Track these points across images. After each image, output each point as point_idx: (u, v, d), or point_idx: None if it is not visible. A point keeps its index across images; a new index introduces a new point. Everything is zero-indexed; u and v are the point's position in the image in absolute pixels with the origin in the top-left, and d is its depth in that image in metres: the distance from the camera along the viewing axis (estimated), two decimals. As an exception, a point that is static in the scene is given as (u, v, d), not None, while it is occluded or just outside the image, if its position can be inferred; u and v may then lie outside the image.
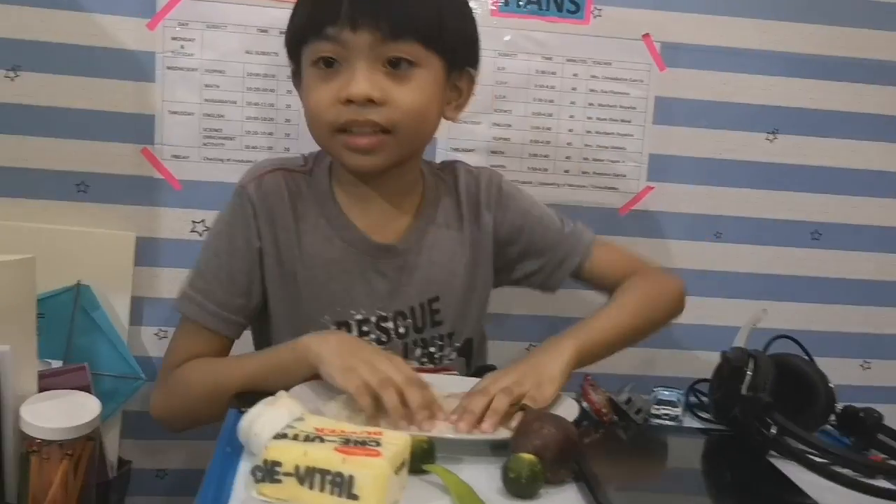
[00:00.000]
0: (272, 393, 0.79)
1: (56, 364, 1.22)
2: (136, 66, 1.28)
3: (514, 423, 0.82)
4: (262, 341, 1.08)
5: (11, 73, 1.25)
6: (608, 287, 1.09)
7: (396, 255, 1.05)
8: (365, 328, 1.04)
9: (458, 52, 0.99)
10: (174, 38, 1.28)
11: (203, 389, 0.98)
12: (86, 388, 1.09)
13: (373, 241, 1.04)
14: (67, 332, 1.25)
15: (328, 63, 0.95)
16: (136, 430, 1.35)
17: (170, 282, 1.33)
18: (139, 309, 1.34)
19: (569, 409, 0.85)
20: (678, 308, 1.11)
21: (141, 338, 1.35)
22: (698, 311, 1.44)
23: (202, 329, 1.02)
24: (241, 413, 0.87)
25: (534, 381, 0.88)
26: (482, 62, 1.05)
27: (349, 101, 0.93)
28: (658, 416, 0.91)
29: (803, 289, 1.46)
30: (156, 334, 1.35)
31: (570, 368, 0.92)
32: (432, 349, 1.06)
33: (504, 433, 0.81)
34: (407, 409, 0.83)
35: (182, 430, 1.06)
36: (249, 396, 0.91)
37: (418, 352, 1.06)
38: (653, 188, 1.41)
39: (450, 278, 1.07)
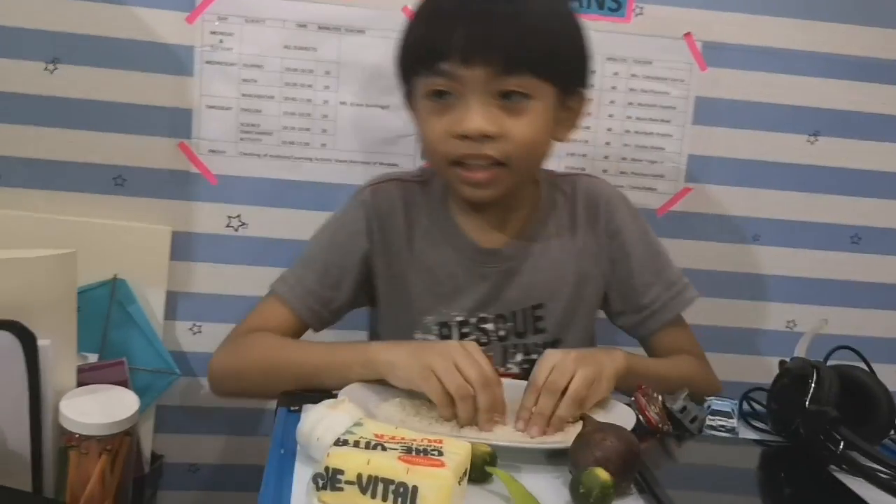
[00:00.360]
0: (328, 393, 0.78)
1: (92, 358, 1.22)
2: (175, 60, 1.27)
3: (572, 429, 0.81)
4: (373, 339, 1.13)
5: (51, 66, 1.25)
6: (660, 355, 1.09)
7: (502, 261, 1.06)
8: (465, 329, 1.06)
9: (571, 77, 1.00)
10: (213, 33, 1.27)
11: (261, 361, 0.98)
12: (124, 383, 1.09)
13: (479, 246, 1.06)
14: (103, 326, 1.25)
15: (440, 94, 0.95)
16: (169, 425, 1.35)
17: (205, 277, 1.33)
18: (174, 304, 1.33)
19: (625, 418, 0.84)
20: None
21: (175, 332, 1.34)
22: (736, 313, 1.43)
23: (284, 306, 1.04)
24: (291, 412, 0.87)
25: (594, 370, 0.87)
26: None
27: (464, 136, 0.94)
28: (713, 428, 0.89)
29: (842, 293, 1.44)
30: (190, 329, 1.35)
31: (619, 378, 0.91)
32: (534, 356, 1.04)
33: (563, 442, 0.79)
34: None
35: (228, 395, 1.06)
36: (298, 395, 0.91)
37: (519, 357, 1.07)
38: (691, 189, 1.39)
39: (556, 287, 1.07)
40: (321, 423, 0.72)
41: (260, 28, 1.28)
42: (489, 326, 1.07)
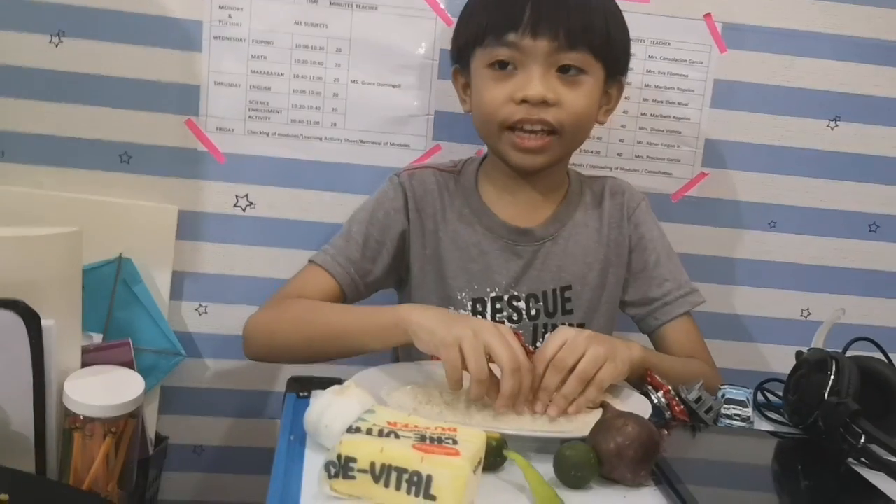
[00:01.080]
0: (337, 380, 0.76)
1: (97, 337, 1.20)
2: (183, 35, 1.24)
3: (589, 417, 0.79)
4: None
5: (56, 39, 1.22)
6: (669, 348, 1.12)
7: (534, 240, 1.12)
8: (498, 305, 1.10)
9: (619, 61, 1.08)
10: (222, 7, 1.24)
11: (295, 320, 1.01)
12: (129, 364, 1.06)
13: (511, 225, 1.11)
14: (108, 306, 1.23)
15: (503, 65, 1.03)
16: (174, 406, 1.34)
17: (212, 256, 1.31)
18: (180, 284, 1.31)
19: (641, 406, 0.82)
20: None
21: (181, 313, 1.32)
22: (750, 301, 1.41)
23: (324, 273, 1.08)
24: (300, 398, 0.86)
25: (606, 351, 0.86)
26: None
27: (523, 101, 1.01)
28: (728, 417, 0.88)
29: (859, 282, 1.42)
30: (196, 310, 1.33)
31: (633, 365, 0.90)
32: None
33: (579, 430, 0.77)
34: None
35: (260, 355, 1.08)
36: (306, 380, 0.89)
37: (548, 336, 1.06)
38: (707, 174, 1.37)
39: (584, 271, 1.12)
40: (329, 409, 0.70)
41: (270, 3, 1.25)
42: (521, 305, 1.11)
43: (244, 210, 1.30)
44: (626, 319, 1.20)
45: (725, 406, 0.88)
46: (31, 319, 0.86)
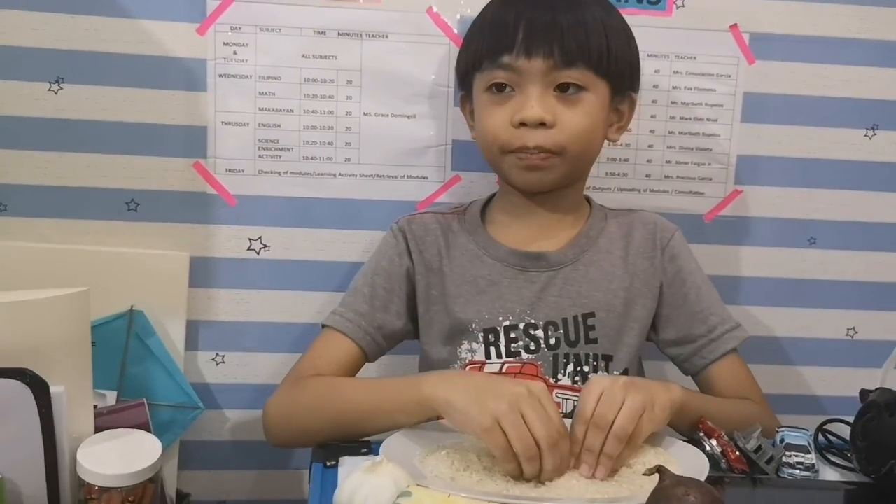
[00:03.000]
0: (365, 443, 0.70)
1: (110, 395, 1.15)
2: (187, 75, 1.19)
3: (643, 482, 0.73)
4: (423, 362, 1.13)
5: (55, 87, 1.17)
6: (716, 390, 1.06)
7: (548, 265, 1.07)
8: (513, 334, 1.06)
9: (624, 77, 1.05)
10: (226, 44, 1.19)
11: (312, 403, 0.97)
12: (144, 426, 1.01)
13: (521, 251, 1.08)
14: (121, 362, 1.18)
15: (500, 88, 1.02)
16: (194, 461, 1.28)
17: (227, 303, 1.26)
18: (195, 333, 1.26)
19: (696, 461, 0.75)
20: None
21: (197, 363, 1.27)
22: (791, 322, 1.34)
23: (337, 334, 1.05)
24: (327, 468, 0.80)
25: (643, 398, 0.81)
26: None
27: (522, 124, 0.99)
28: (790, 466, 0.81)
29: (906, 298, 1.35)
30: (213, 359, 1.27)
31: (674, 410, 0.85)
32: (586, 368, 1.05)
33: (635, 498, 0.71)
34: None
35: (282, 442, 1.03)
36: (333, 448, 0.83)
37: (570, 367, 1.04)
38: (741, 192, 1.30)
39: (608, 297, 1.07)
40: (361, 489, 0.65)
41: (276, 37, 1.20)
42: (538, 333, 1.05)
43: (258, 253, 1.25)
44: (654, 347, 1.14)
45: (786, 453, 0.81)
46: (40, 388, 0.82)
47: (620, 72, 1.03)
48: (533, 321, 1.06)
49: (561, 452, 0.78)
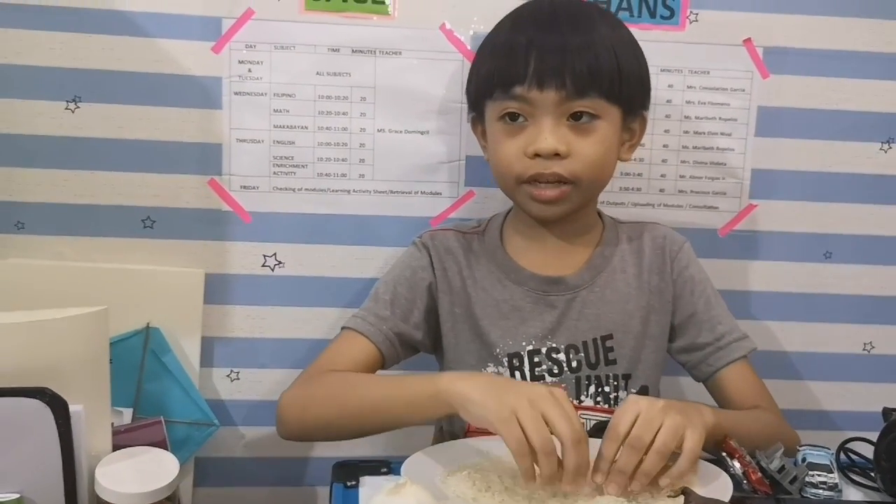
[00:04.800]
0: (385, 463, 0.69)
1: (126, 412, 1.16)
2: (202, 93, 1.20)
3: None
4: None
5: (72, 105, 1.18)
6: (728, 405, 1.06)
7: (567, 289, 1.08)
8: (536, 359, 1.06)
9: (635, 98, 1.04)
10: (241, 62, 1.20)
11: (327, 395, 0.97)
12: (162, 444, 1.02)
13: (541, 276, 1.08)
14: (137, 379, 1.18)
15: (513, 117, 1.01)
16: (209, 478, 1.28)
17: (241, 320, 1.26)
18: (210, 350, 1.26)
19: (720, 483, 0.75)
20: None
21: (212, 380, 1.27)
22: (807, 337, 1.34)
23: (357, 335, 1.05)
24: (348, 488, 0.80)
25: (682, 421, 0.80)
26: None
27: (536, 155, 0.99)
28: (814, 486, 0.80)
29: (922, 312, 1.34)
30: (227, 376, 1.27)
31: (708, 433, 0.83)
32: (607, 388, 1.06)
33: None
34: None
35: (294, 435, 1.02)
36: (352, 466, 0.83)
37: (592, 389, 1.05)
38: (756, 206, 1.30)
39: (625, 319, 1.08)
40: (382, 513, 0.64)
41: (290, 55, 1.21)
42: (560, 357, 1.06)
43: (273, 270, 1.25)
44: (672, 367, 1.14)
45: (809, 473, 0.81)
46: (59, 406, 0.82)
47: (632, 94, 1.02)
48: (555, 345, 1.06)
49: (583, 453, 0.77)
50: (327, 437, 0.93)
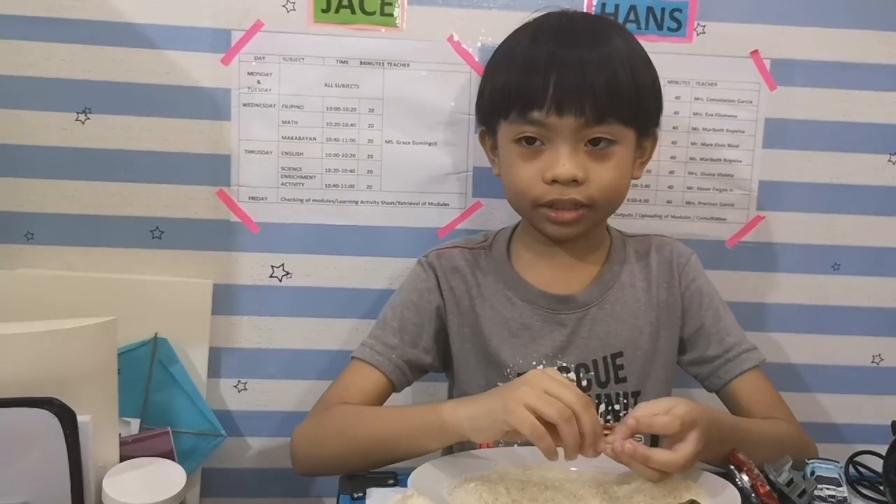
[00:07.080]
0: (391, 474, 0.69)
1: (134, 422, 1.16)
2: (211, 105, 1.20)
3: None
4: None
5: (82, 116, 1.19)
6: (742, 416, 1.04)
7: (577, 307, 1.07)
8: None
9: (650, 117, 1.04)
10: (250, 73, 1.21)
11: (337, 431, 0.97)
12: (169, 455, 1.02)
13: (551, 294, 1.07)
14: (145, 389, 1.18)
15: (530, 141, 0.99)
16: (216, 489, 1.28)
17: (249, 330, 1.26)
18: (217, 360, 1.26)
19: (729, 496, 0.75)
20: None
21: (220, 391, 1.27)
22: (816, 350, 1.33)
23: (366, 366, 1.04)
24: (355, 500, 0.80)
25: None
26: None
27: (553, 181, 0.97)
28: (823, 499, 0.80)
29: (931, 325, 1.34)
30: (235, 387, 1.28)
31: (706, 430, 0.83)
32: (617, 406, 1.06)
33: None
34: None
35: (308, 470, 1.03)
36: (359, 477, 0.83)
37: (602, 408, 1.05)
38: (764, 218, 1.30)
39: (634, 335, 1.07)
40: (392, 523, 0.64)
41: (299, 66, 1.21)
42: (571, 376, 1.06)
43: (280, 280, 1.26)
44: (681, 380, 1.14)
45: (818, 486, 0.80)
46: (67, 417, 0.82)
47: (647, 112, 1.02)
48: (565, 364, 1.06)
49: (594, 415, 0.80)
50: (340, 471, 0.91)
